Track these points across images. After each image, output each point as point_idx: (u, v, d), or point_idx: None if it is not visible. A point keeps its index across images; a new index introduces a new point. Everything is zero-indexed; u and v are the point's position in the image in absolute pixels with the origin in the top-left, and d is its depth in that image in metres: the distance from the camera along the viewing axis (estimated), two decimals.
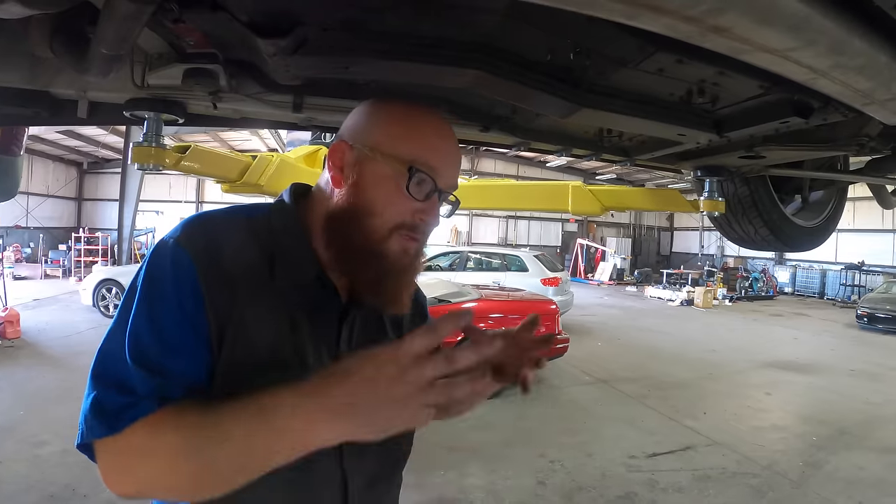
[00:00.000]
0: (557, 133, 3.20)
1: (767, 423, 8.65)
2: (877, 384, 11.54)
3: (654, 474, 6.41)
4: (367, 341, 1.32)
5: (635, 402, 9.38)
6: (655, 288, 27.85)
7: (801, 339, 17.24)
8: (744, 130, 2.56)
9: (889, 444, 7.89)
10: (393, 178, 1.23)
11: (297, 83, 2.15)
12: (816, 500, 6.03)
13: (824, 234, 4.65)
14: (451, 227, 32.84)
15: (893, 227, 28.46)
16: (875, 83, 1.62)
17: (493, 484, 5.89)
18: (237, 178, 4.44)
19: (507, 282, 13.91)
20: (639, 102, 2.35)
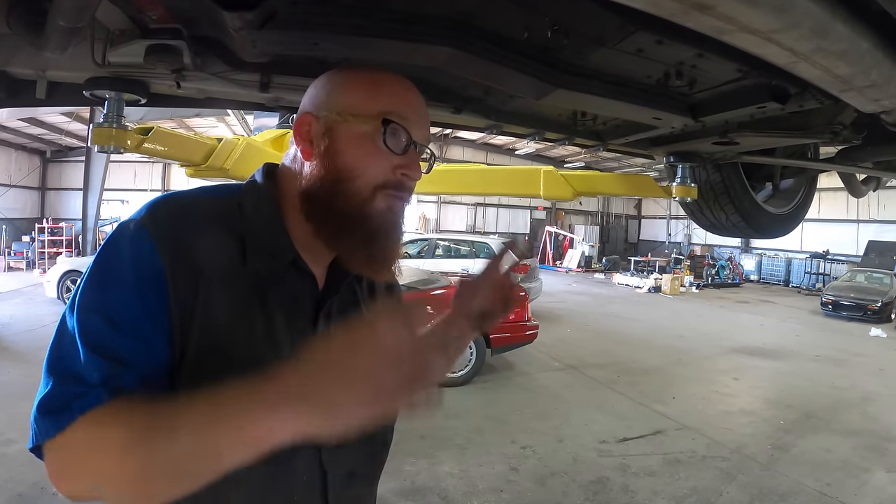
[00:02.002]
0: (531, 116, 3.18)
1: (735, 408, 8.82)
2: (841, 369, 11.84)
3: (626, 459, 6.51)
4: None
5: (605, 387, 9.50)
6: (623, 275, 28.13)
7: (767, 325, 17.58)
8: (719, 115, 2.58)
9: (854, 428, 8.11)
10: (367, 136, 1.21)
11: (264, 61, 2.08)
12: (785, 482, 6.17)
13: (794, 221, 4.72)
14: (420, 215, 32.73)
15: (858, 217, 29.15)
16: (855, 69, 1.65)
17: (465, 471, 5.92)
18: (202, 161, 4.33)
19: (476, 269, 13.87)
20: (615, 84, 2.34)
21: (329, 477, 1.26)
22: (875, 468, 6.72)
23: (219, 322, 1.11)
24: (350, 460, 1.31)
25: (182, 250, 1.10)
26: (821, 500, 5.80)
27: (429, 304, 1.03)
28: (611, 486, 5.83)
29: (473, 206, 35.52)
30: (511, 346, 9.59)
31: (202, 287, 1.10)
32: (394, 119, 1.21)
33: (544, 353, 11.25)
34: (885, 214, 28.08)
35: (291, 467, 1.19)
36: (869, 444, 7.47)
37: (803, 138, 3.18)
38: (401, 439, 6.25)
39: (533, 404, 8.36)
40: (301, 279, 1.26)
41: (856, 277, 21.87)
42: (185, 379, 1.09)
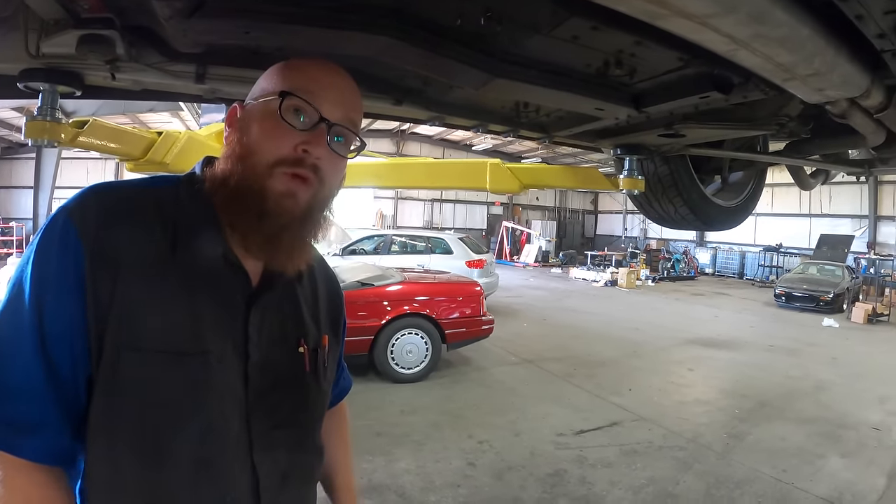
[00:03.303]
0: (473, 107, 3.16)
1: (691, 398, 8.95)
2: (795, 359, 12.11)
3: (583, 451, 6.54)
4: (283, 326, 1.33)
5: (562, 380, 9.55)
6: (580, 269, 28.46)
7: (721, 317, 17.90)
8: (663, 105, 2.59)
9: (808, 415, 8.28)
10: (269, 112, 1.20)
11: (198, 51, 2.07)
12: (741, 470, 6.26)
13: (743, 213, 4.78)
14: (377, 211, 32.68)
15: (810, 211, 30.05)
16: (797, 57, 1.65)
17: (422, 467, 5.89)
18: (141, 155, 4.22)
19: (432, 264, 13.91)
20: (555, 73, 2.34)
21: (260, 474, 1.24)
22: (829, 454, 6.86)
23: (137, 316, 1.10)
24: (283, 458, 1.30)
25: (105, 241, 1.09)
26: (776, 487, 5.90)
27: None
28: (568, 478, 5.85)
29: (430, 201, 35.57)
30: (467, 340, 9.60)
31: (121, 279, 1.09)
32: (296, 93, 1.19)
33: (501, 348, 11.28)
34: (836, 209, 28.96)
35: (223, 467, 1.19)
36: (823, 431, 7.63)
37: (749, 130, 3.21)
38: (357, 437, 6.23)
39: (490, 399, 8.37)
40: (233, 274, 1.24)
41: (808, 270, 22.49)
42: (103, 376, 1.08)
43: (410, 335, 8.87)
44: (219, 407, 1.17)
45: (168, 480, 1.11)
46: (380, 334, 8.67)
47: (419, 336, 8.92)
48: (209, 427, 1.16)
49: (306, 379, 1.35)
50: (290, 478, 1.32)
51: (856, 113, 2.40)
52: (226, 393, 1.19)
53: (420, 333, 8.93)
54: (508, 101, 3.18)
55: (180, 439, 1.13)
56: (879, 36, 1.67)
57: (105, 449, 1.09)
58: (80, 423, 1.10)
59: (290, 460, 1.31)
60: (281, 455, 1.28)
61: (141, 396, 1.10)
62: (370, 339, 8.62)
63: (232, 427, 1.19)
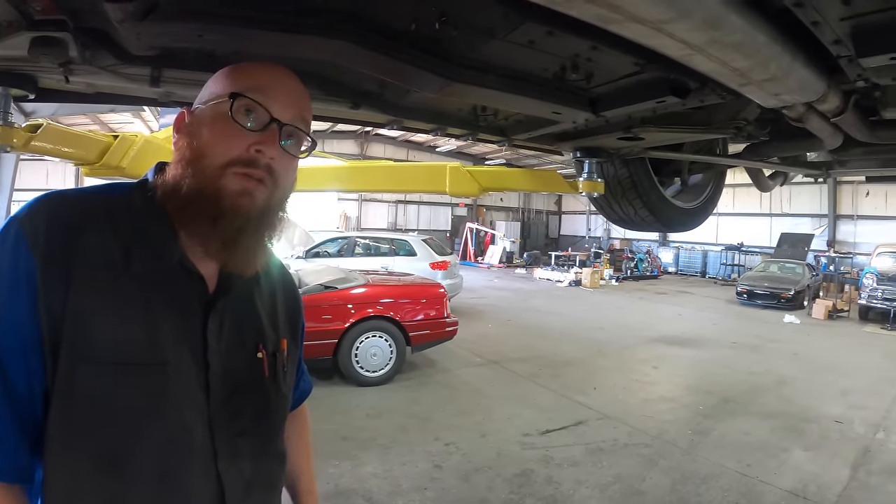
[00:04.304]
0: (431, 111, 3.18)
1: (655, 396, 9.07)
2: (757, 355, 12.31)
3: (549, 450, 6.59)
4: (241, 332, 1.33)
5: (527, 381, 9.60)
6: (544, 270, 28.55)
7: (684, 315, 18.14)
8: (620, 110, 2.64)
9: (771, 410, 8.45)
10: (220, 114, 1.21)
11: (152, 54, 2.06)
12: (706, 465, 6.37)
13: (703, 215, 4.86)
14: (341, 213, 32.47)
15: (770, 211, 30.63)
16: (752, 62, 1.69)
17: (389, 471, 5.89)
18: (96, 159, 4.15)
19: (396, 266, 13.85)
20: (512, 78, 2.37)
21: (225, 483, 1.24)
22: (793, 448, 7.00)
23: (91, 327, 1.09)
24: (247, 466, 1.30)
25: (57, 251, 1.08)
26: (742, 481, 6.01)
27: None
28: (535, 478, 5.89)
29: (394, 203, 35.42)
30: (431, 342, 9.63)
31: (74, 290, 1.08)
32: (246, 95, 1.20)
33: (466, 349, 11.31)
34: (796, 208, 29.53)
35: (186, 478, 1.18)
36: (786, 426, 7.79)
37: (707, 134, 3.28)
38: (322, 442, 6.23)
39: (455, 400, 8.39)
40: (189, 280, 1.23)
41: (769, 268, 22.82)
42: (59, 389, 1.07)
43: (374, 338, 8.86)
44: (179, 417, 1.16)
45: (129, 494, 1.11)
46: (344, 338, 8.65)
47: (383, 339, 8.92)
48: (170, 438, 1.15)
49: (266, 384, 1.36)
50: (254, 485, 1.31)
51: (813, 117, 2.46)
52: (186, 402, 1.18)
53: (384, 336, 8.93)
54: (466, 105, 3.20)
55: (141, 452, 1.12)
56: (835, 42, 1.72)
57: (63, 463, 1.08)
58: (37, 439, 1.09)
59: (254, 468, 1.31)
60: (245, 463, 1.28)
61: (98, 409, 1.09)
62: (334, 343, 8.60)
63: (195, 437, 1.19)
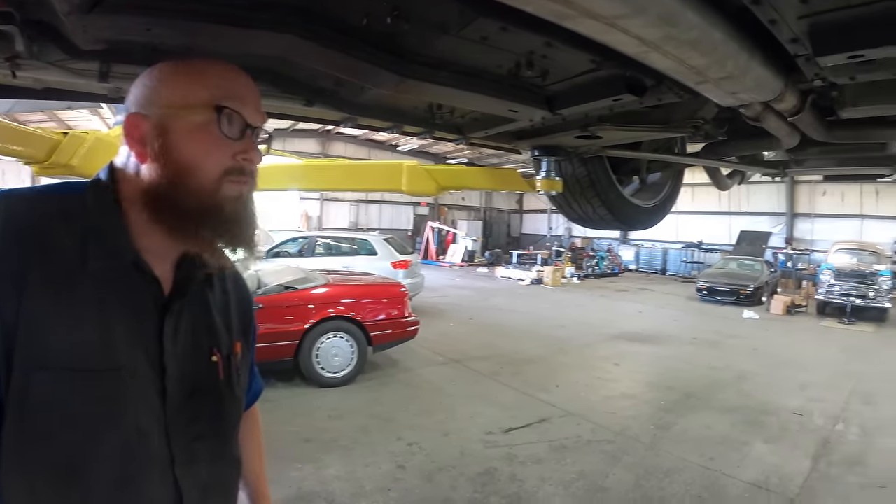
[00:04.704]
0: (386, 108, 3.15)
1: (617, 392, 9.15)
2: (717, 351, 12.53)
3: (512, 448, 6.61)
4: (196, 335, 1.32)
5: (489, 379, 9.63)
6: (506, 268, 28.70)
7: (645, 312, 18.38)
8: (577, 108, 2.63)
9: (732, 405, 8.60)
10: (202, 127, 1.20)
11: (100, 48, 1.99)
12: (669, 460, 6.46)
13: (661, 213, 4.90)
14: (302, 213, 32.22)
15: (730, 209, 31.24)
16: (709, 60, 1.69)
17: (351, 472, 5.85)
18: (45, 157, 4.07)
19: (357, 266, 13.78)
20: (466, 75, 2.35)
21: (183, 489, 1.23)
22: (754, 441, 7.14)
23: (45, 332, 1.06)
24: (204, 471, 1.29)
25: (9, 254, 1.06)
26: (705, 474, 6.10)
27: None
28: (499, 476, 5.90)
29: (356, 202, 35.21)
30: (393, 342, 9.60)
31: (27, 294, 1.05)
32: (227, 105, 1.20)
33: (428, 349, 11.29)
34: (755, 207, 30.20)
35: (144, 484, 1.17)
36: (746, 419, 7.94)
37: (665, 132, 3.30)
38: (284, 444, 6.19)
39: (418, 400, 8.38)
40: (144, 282, 1.21)
41: (729, 265, 23.27)
42: (13, 398, 1.04)
43: (336, 338, 8.80)
44: (135, 423, 1.15)
45: (87, 502, 1.09)
46: (304, 338, 8.58)
47: (344, 339, 8.86)
48: (126, 444, 1.13)
49: (221, 388, 1.35)
50: (211, 489, 1.31)
51: (770, 116, 2.47)
52: (142, 407, 1.16)
53: (345, 336, 8.86)
54: (422, 103, 3.17)
55: (96, 459, 1.10)
56: (793, 41, 1.73)
57: (19, 473, 1.05)
58: None
59: (210, 472, 1.30)
60: (202, 467, 1.27)
61: (53, 417, 1.06)
62: (295, 344, 8.52)
63: (151, 442, 1.17)
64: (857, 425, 7.97)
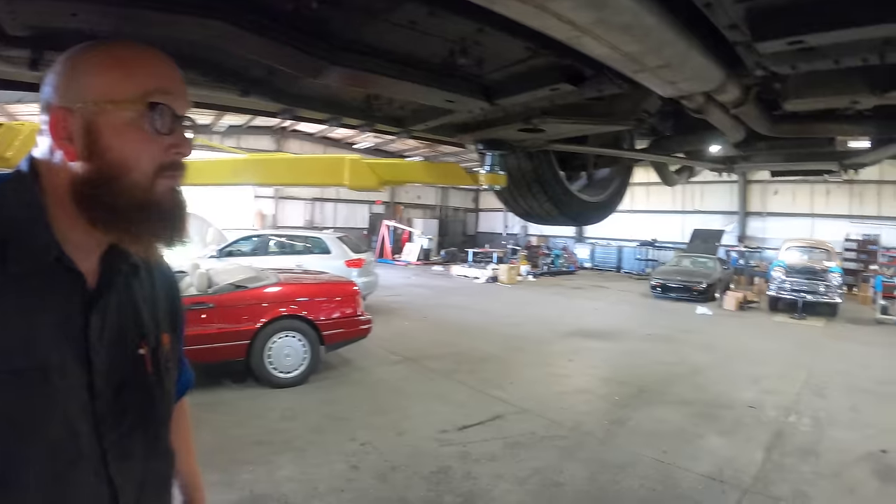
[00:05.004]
0: (324, 99, 3.09)
1: (572, 388, 9.22)
2: (671, 345, 12.72)
3: (467, 446, 6.59)
4: (122, 329, 1.28)
5: (443, 377, 9.62)
6: (462, 266, 28.80)
7: (600, 309, 18.54)
8: (515, 98, 2.61)
9: (685, 398, 8.71)
10: (133, 123, 1.15)
11: (29, 34, 1.95)
12: (623, 454, 6.50)
13: (609, 208, 4.91)
14: (257, 211, 31.90)
15: (683, 208, 32.05)
16: (644, 46, 1.67)
17: (305, 474, 5.77)
18: None
19: (311, 265, 13.64)
20: (399, 63, 2.31)
21: (119, 489, 1.20)
22: (707, 433, 7.24)
23: None
24: (138, 467, 1.27)
25: None
26: (659, 468, 6.16)
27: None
28: (453, 474, 5.88)
29: (311, 201, 34.92)
30: (345, 341, 9.52)
31: None
32: (158, 100, 1.16)
33: (382, 347, 11.22)
34: (708, 205, 30.98)
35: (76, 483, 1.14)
36: (700, 412, 8.04)
37: (608, 125, 3.27)
38: (236, 447, 6.13)
39: (371, 399, 8.33)
40: (68, 278, 1.16)
41: (682, 262, 23.70)
42: None
43: (287, 338, 8.70)
44: (65, 421, 1.11)
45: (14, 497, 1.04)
46: (256, 338, 8.46)
47: (296, 339, 8.76)
48: (56, 444, 1.10)
49: (150, 381, 1.33)
50: (146, 485, 1.29)
51: (713, 109, 2.47)
52: (71, 406, 1.13)
53: (297, 336, 8.77)
54: (359, 93, 3.12)
55: (26, 462, 1.06)
56: (731, 27, 1.71)
57: None
58: None
59: (144, 467, 1.28)
60: (136, 463, 1.25)
61: None
62: (246, 344, 8.40)
63: (81, 440, 1.14)
64: (809, 416, 8.12)
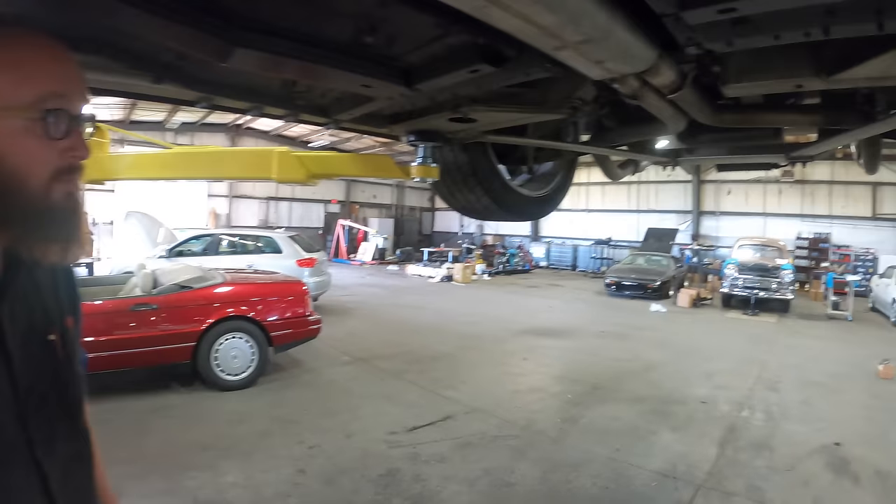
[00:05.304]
0: (241, 87, 2.96)
1: (525, 387, 9.19)
2: (624, 342, 12.79)
3: (416, 447, 6.50)
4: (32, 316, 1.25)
5: (395, 378, 9.51)
6: (417, 266, 28.79)
7: (555, 307, 18.64)
8: (435, 81, 2.49)
9: (639, 395, 8.75)
10: (26, 130, 1.07)
11: None
12: (576, 453, 6.47)
13: (551, 204, 4.83)
14: (210, 210, 31.47)
15: (638, 207, 32.77)
16: (559, 18, 1.56)
17: (250, 479, 5.64)
18: None
19: (262, 264, 13.47)
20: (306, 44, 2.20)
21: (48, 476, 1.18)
22: (661, 430, 7.26)
23: None
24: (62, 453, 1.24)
25: None
26: (611, 466, 6.14)
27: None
28: (401, 476, 5.78)
29: (266, 200, 34.54)
30: (294, 342, 9.37)
31: None
32: (53, 105, 1.08)
33: (333, 348, 11.11)
34: (662, 205, 31.74)
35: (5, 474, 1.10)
36: (653, 409, 8.08)
37: (541, 114, 3.17)
38: (181, 452, 5.97)
39: (321, 401, 8.20)
40: None
41: (636, 260, 24.11)
42: None
43: (235, 339, 8.50)
44: None
45: None
46: (202, 340, 8.26)
47: (244, 340, 8.57)
48: None
49: (62, 364, 1.30)
50: (71, 467, 1.27)
51: (648, 94, 2.37)
52: None
53: (244, 337, 8.58)
54: (276, 79, 2.97)
55: None
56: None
57: None
58: None
59: (67, 448, 1.27)
60: (59, 445, 1.23)
61: None
62: (192, 346, 8.20)
63: (7, 431, 1.11)
64: (762, 411, 8.21)
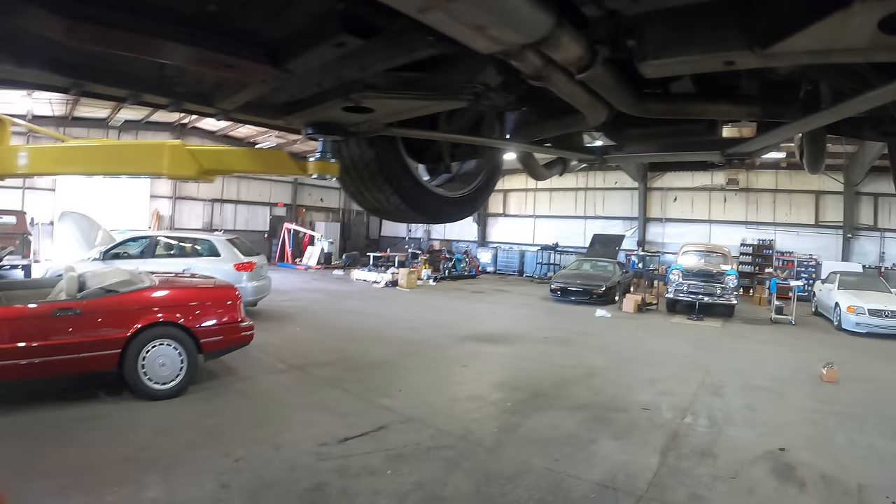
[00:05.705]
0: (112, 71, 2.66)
1: (463, 395, 9.02)
2: (567, 348, 12.77)
3: (346, 460, 6.27)
4: None
5: (330, 386, 9.27)
6: (362, 271, 28.53)
7: (500, 312, 18.62)
8: (303, 59, 2.25)
9: (580, 402, 8.66)
10: None
11: None
12: (512, 464, 6.32)
13: (470, 205, 4.61)
14: (153, 212, 30.86)
15: (585, 213, 33.22)
16: None
17: (171, 494, 5.37)
18: None
19: (199, 268, 13.12)
20: (153, 18, 1.97)
21: None
22: (602, 438, 7.16)
23: None
24: None
25: None
26: (549, 477, 6.00)
27: None
28: (329, 491, 5.56)
29: (210, 202, 34.04)
30: (225, 349, 9.03)
31: None
32: None
33: (269, 355, 10.83)
34: (609, 211, 32.31)
35: None
36: (595, 416, 7.99)
37: (440, 101, 2.94)
38: (103, 466, 5.62)
39: (251, 411, 7.92)
40: None
41: (582, 266, 24.41)
42: None
43: (163, 346, 8.15)
44: None
45: None
46: (128, 347, 7.88)
47: (172, 347, 8.22)
48: None
49: None
50: None
51: (555, 74, 2.13)
52: None
53: (173, 344, 8.23)
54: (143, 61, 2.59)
55: None
56: None
57: None
58: None
59: None
60: None
61: None
62: (118, 353, 7.81)
63: None
64: (706, 417, 8.21)
